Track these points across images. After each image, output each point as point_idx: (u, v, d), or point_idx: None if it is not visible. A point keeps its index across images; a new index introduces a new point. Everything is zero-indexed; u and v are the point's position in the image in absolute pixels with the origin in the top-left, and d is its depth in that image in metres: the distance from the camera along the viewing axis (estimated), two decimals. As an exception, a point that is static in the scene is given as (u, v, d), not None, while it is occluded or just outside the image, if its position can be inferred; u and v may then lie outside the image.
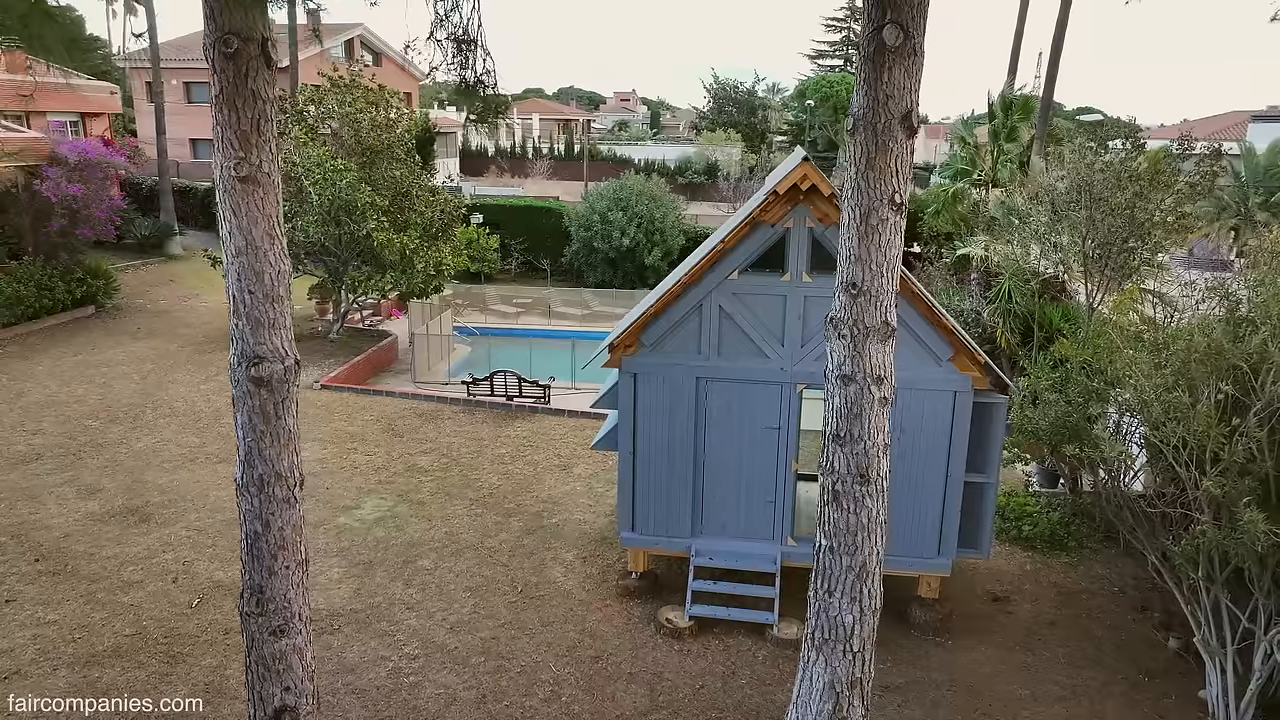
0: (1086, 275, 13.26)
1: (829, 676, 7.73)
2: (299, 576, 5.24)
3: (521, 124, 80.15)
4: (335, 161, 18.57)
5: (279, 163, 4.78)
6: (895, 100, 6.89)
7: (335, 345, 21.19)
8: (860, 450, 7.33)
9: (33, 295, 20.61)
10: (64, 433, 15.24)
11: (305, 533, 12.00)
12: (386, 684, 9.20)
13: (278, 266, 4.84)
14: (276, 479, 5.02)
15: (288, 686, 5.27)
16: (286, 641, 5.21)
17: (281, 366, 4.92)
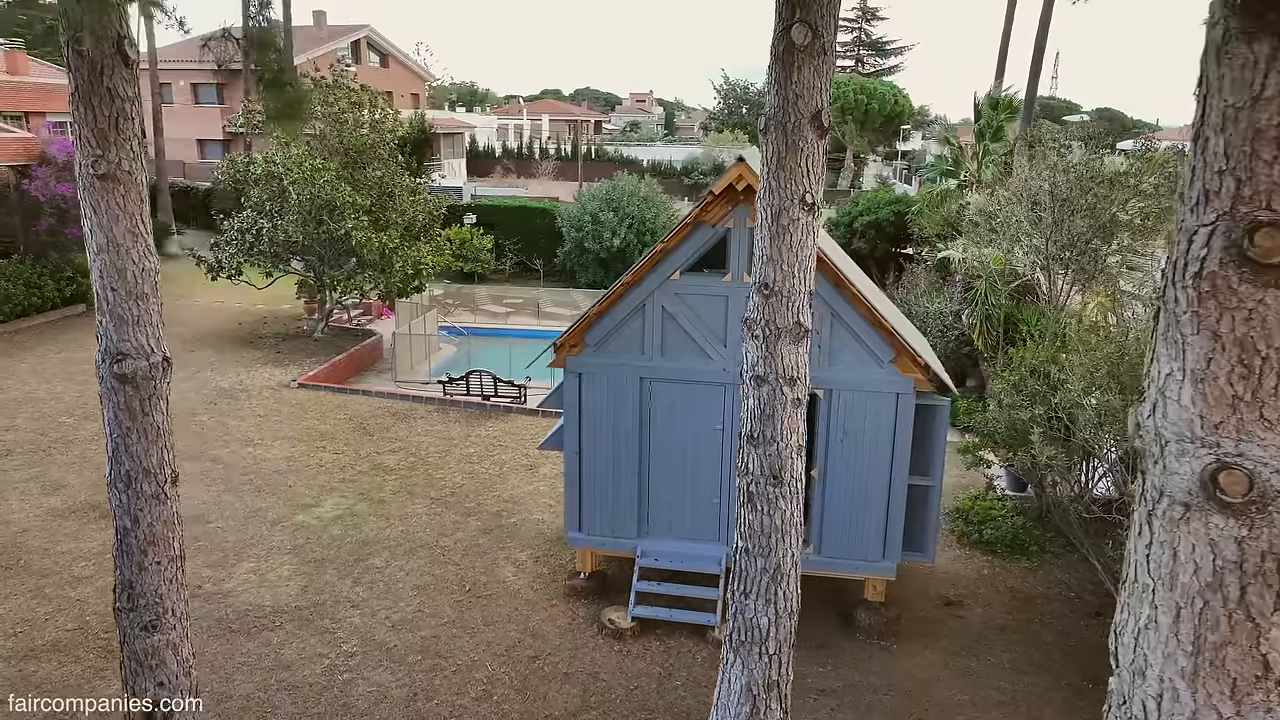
0: (1049, 274, 13.13)
1: (746, 679, 7.68)
2: (172, 572, 5.26)
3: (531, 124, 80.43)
4: (314, 161, 18.68)
5: (141, 161, 4.80)
6: (805, 100, 6.85)
7: (319, 344, 21.32)
8: (773, 451, 7.29)
9: (21, 294, 20.88)
10: (37, 429, 15.42)
11: (262, 530, 12.11)
12: (320, 681, 9.23)
13: (141, 264, 4.87)
14: (144, 475, 5.05)
15: (161, 682, 5.29)
16: (159, 637, 5.23)
17: (147, 364, 4.95)
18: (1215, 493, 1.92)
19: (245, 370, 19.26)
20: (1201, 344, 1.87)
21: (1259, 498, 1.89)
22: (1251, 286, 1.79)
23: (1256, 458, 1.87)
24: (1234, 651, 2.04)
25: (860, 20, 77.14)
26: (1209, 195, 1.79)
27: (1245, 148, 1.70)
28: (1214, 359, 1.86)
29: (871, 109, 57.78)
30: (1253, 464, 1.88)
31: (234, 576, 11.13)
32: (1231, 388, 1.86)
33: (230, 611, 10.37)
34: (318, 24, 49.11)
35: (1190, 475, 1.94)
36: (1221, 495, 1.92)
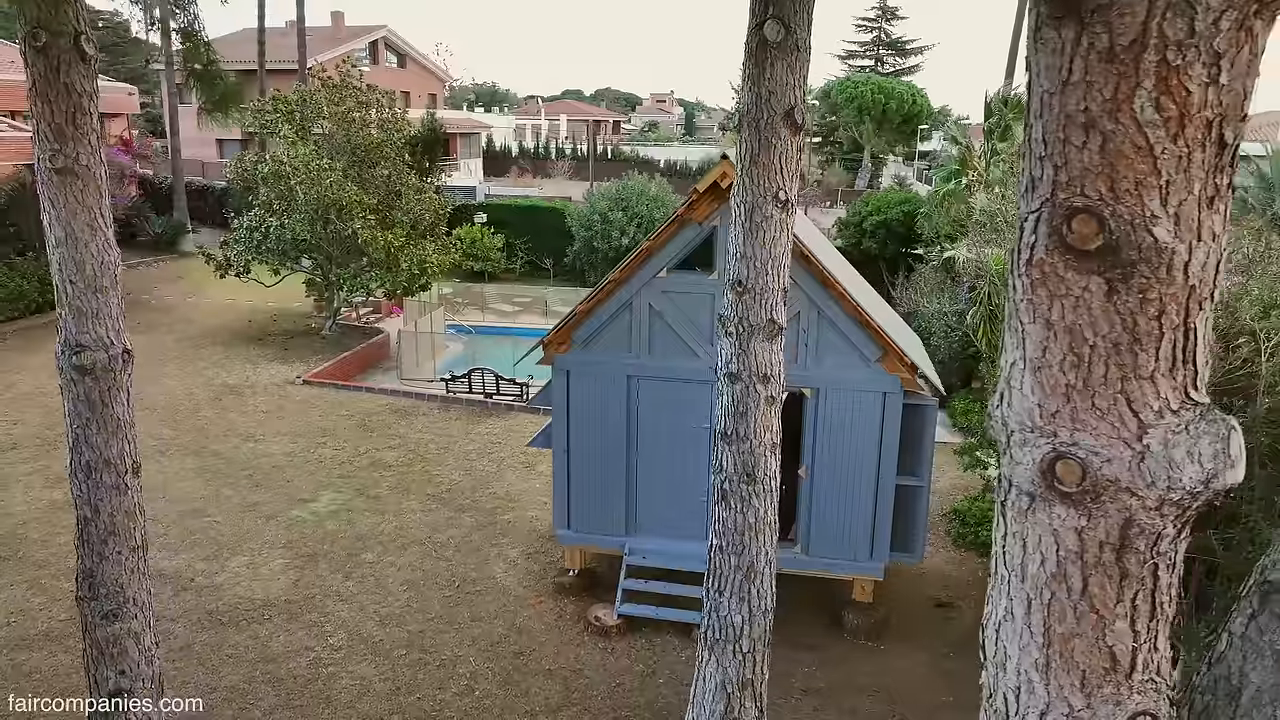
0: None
1: (720, 676, 7.67)
2: (134, 562, 5.34)
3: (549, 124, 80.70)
4: (320, 160, 18.84)
5: (100, 156, 4.87)
6: (778, 96, 6.83)
7: (326, 341, 21.50)
8: (746, 449, 7.27)
9: (35, 290, 21.20)
10: (44, 424, 15.65)
11: (258, 524, 12.23)
12: (305, 673, 9.32)
13: (100, 257, 4.93)
14: (105, 466, 5.13)
15: (123, 670, 5.37)
16: (120, 625, 5.31)
17: (106, 355, 5.02)
18: (1053, 482, 1.91)
19: (252, 367, 19.46)
20: (1037, 332, 1.86)
21: (1092, 487, 1.88)
22: (1076, 274, 1.77)
23: (1089, 447, 1.86)
24: (1081, 643, 2.03)
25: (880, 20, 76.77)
26: (1035, 182, 1.78)
27: (1059, 134, 1.70)
28: (1048, 347, 1.85)
29: (889, 109, 57.47)
30: (1085, 453, 1.86)
31: (226, 569, 11.25)
32: (1065, 376, 1.85)
33: (221, 604, 10.48)
34: (335, 25, 49.52)
35: (1032, 465, 1.93)
36: (1059, 485, 1.91)
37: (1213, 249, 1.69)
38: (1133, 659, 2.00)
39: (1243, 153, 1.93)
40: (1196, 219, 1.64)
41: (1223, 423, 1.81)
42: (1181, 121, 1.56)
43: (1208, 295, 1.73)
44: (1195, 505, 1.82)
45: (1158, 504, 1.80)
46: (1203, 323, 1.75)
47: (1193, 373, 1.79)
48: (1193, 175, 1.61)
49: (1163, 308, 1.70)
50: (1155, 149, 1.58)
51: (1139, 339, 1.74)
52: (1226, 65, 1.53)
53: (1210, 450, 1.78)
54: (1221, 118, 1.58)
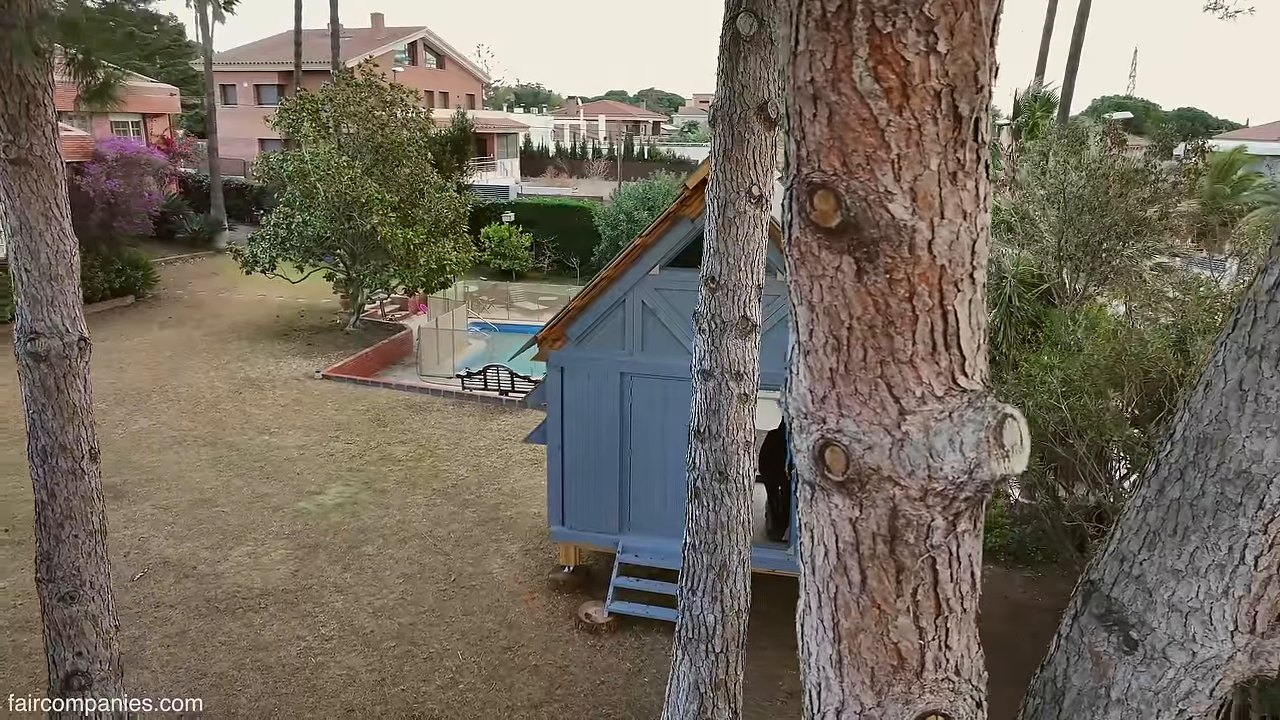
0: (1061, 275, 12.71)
1: (693, 677, 7.61)
2: (90, 546, 5.45)
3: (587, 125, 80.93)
4: (339, 158, 19.12)
5: (55, 147, 4.99)
6: (751, 90, 6.75)
7: (350, 337, 21.81)
8: (719, 447, 7.21)
9: (72, 284, 21.79)
10: (69, 413, 16.07)
11: (264, 515, 12.43)
12: (293, 662, 9.44)
13: (55, 246, 5.05)
14: (60, 451, 5.24)
15: (80, 652, 5.49)
16: (77, 608, 5.43)
17: (60, 343, 5.13)
18: (824, 470, 1.85)
19: (274, 361, 19.81)
20: (803, 315, 1.81)
21: (856, 475, 1.82)
22: (829, 253, 1.72)
23: (852, 433, 1.80)
24: (867, 639, 1.97)
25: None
26: (788, 158, 1.73)
27: (795, 106, 1.64)
28: (814, 330, 1.79)
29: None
30: (848, 440, 1.81)
31: (229, 559, 11.45)
32: (828, 360, 1.79)
33: (220, 592, 10.68)
34: (375, 26, 50.27)
35: (807, 452, 1.88)
36: (828, 473, 1.85)
37: (963, 228, 1.61)
38: (921, 657, 1.92)
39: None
40: (938, 196, 1.57)
41: (992, 411, 1.73)
42: (904, 92, 1.50)
43: (965, 277, 1.66)
44: (964, 497, 1.74)
45: (921, 494, 1.73)
46: (964, 305, 1.68)
47: (959, 358, 1.72)
48: (927, 150, 1.54)
49: (913, 289, 1.63)
50: (880, 121, 1.51)
51: (893, 321, 1.67)
52: (944, 33, 1.46)
53: (973, 439, 1.70)
54: (951, 89, 1.51)
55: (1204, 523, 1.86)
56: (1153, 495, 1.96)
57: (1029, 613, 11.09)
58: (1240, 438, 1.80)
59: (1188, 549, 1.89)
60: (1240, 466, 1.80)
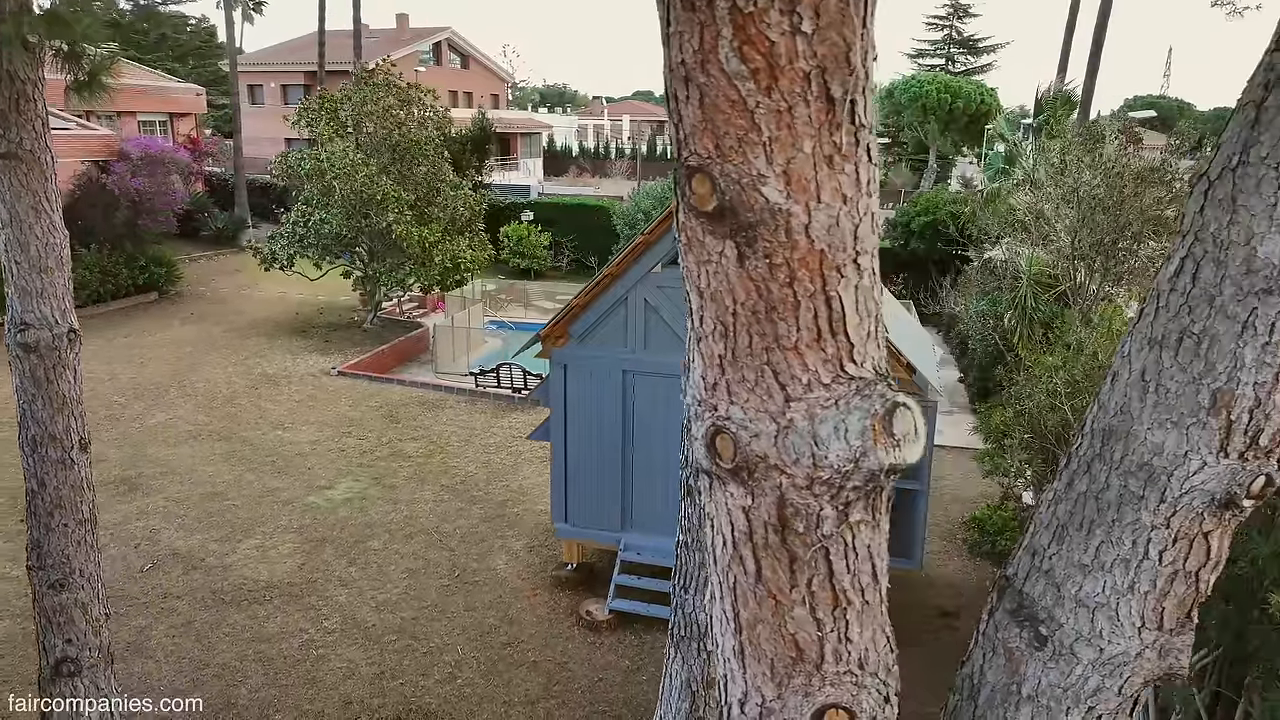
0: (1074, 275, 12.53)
1: (685, 674, 7.57)
2: (80, 534, 5.54)
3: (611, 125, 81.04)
4: (354, 156, 19.29)
5: (45, 141, 5.08)
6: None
7: (367, 334, 21.99)
8: (711, 444, 7.20)
9: (96, 280, 22.18)
10: (90, 407, 16.32)
11: (274, 509, 12.56)
12: (295, 654, 9.54)
13: (45, 240, 5.13)
14: (50, 441, 5.33)
15: (69, 639, 5.58)
16: (67, 595, 5.51)
17: (50, 334, 5.22)
18: (716, 458, 1.84)
19: (291, 357, 20.02)
20: (694, 301, 1.80)
21: (744, 463, 1.80)
22: (713, 238, 1.70)
23: (739, 421, 1.79)
24: (765, 630, 1.95)
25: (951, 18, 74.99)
26: (673, 141, 1.72)
27: (672, 88, 1.64)
28: (704, 316, 1.78)
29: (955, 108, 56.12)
30: (736, 427, 1.79)
31: (237, 551, 11.59)
32: (717, 346, 1.78)
33: (226, 584, 10.80)
34: (400, 27, 50.66)
35: (701, 440, 1.87)
36: (719, 461, 1.84)
37: (843, 212, 1.59)
38: (820, 649, 1.90)
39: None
40: (814, 179, 1.55)
41: (881, 399, 1.70)
42: (772, 74, 1.47)
43: (848, 262, 1.63)
44: (852, 486, 1.72)
45: (807, 483, 1.71)
46: (849, 292, 1.65)
47: (847, 346, 1.69)
48: (799, 132, 1.51)
49: (793, 274, 1.61)
50: (749, 103, 1.49)
51: (775, 307, 1.65)
52: (809, 13, 1.43)
53: (858, 427, 1.68)
54: (821, 71, 1.49)
55: (1108, 517, 1.82)
56: (1062, 488, 1.92)
57: (1036, 617, 10.95)
58: (1142, 430, 1.76)
59: (1093, 543, 1.85)
60: (1142, 459, 1.76)
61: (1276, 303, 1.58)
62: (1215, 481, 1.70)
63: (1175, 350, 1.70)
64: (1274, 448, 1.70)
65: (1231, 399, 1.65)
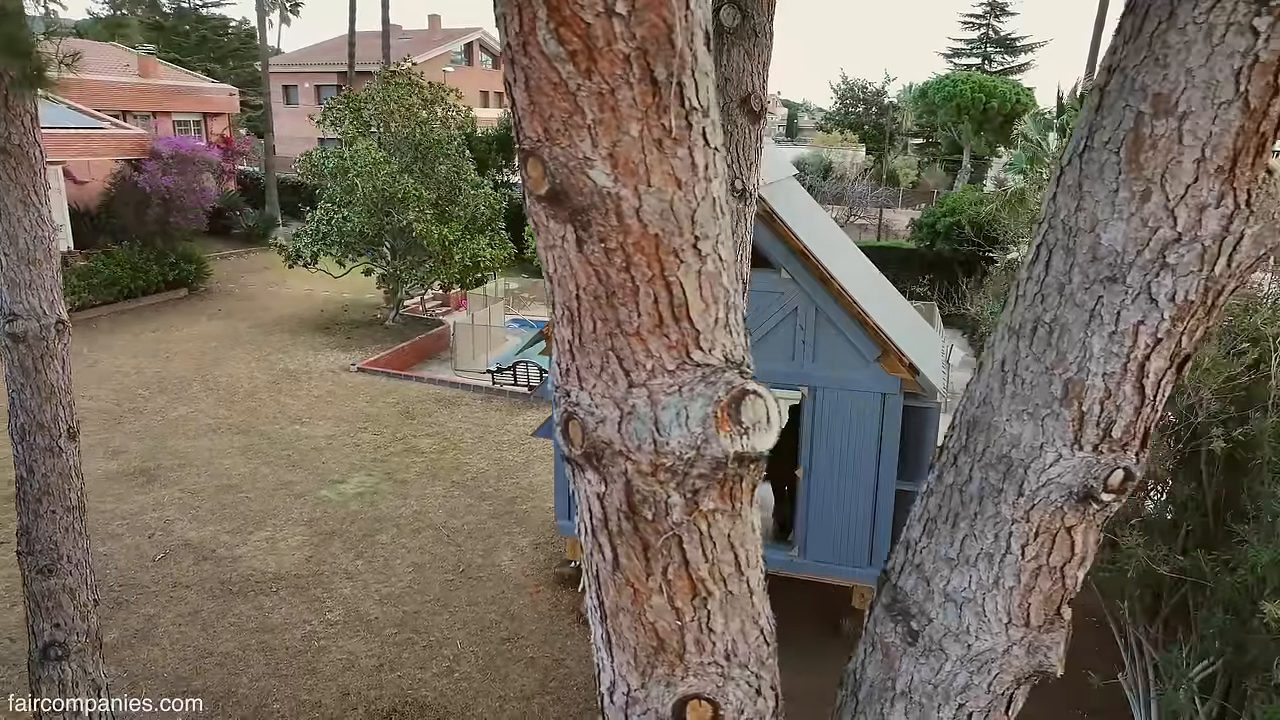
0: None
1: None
2: (68, 521, 5.66)
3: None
4: (377, 154, 19.51)
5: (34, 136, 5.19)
6: (734, 84, 6.63)
7: (389, 331, 22.23)
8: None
9: (127, 277, 22.66)
10: (114, 399, 16.73)
11: (286, 502, 12.74)
12: (296, 645, 9.66)
13: (34, 232, 5.26)
14: (38, 429, 5.46)
15: (58, 623, 5.71)
16: (55, 581, 5.64)
17: (38, 325, 5.34)
18: (569, 444, 1.84)
19: (314, 354, 20.29)
20: (547, 286, 1.81)
21: (592, 449, 1.80)
22: (555, 222, 1.70)
23: (586, 406, 1.79)
24: (627, 619, 1.95)
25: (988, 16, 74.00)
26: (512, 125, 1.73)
27: (506, 72, 1.65)
28: (554, 301, 1.79)
29: (990, 108, 55.37)
30: (584, 413, 1.79)
31: (248, 543, 11.77)
32: (566, 331, 1.79)
33: (235, 574, 10.98)
34: (431, 28, 51.14)
35: (558, 426, 1.87)
36: (571, 447, 1.84)
37: (677, 196, 1.57)
38: (681, 638, 1.89)
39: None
40: (643, 163, 1.54)
41: (727, 386, 1.69)
42: (590, 56, 1.47)
43: (686, 247, 1.61)
44: (697, 474, 1.70)
45: (651, 469, 1.70)
46: (690, 277, 1.64)
47: (692, 332, 1.68)
48: (624, 115, 1.50)
49: (629, 259, 1.60)
50: (570, 85, 1.48)
51: (614, 293, 1.64)
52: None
53: (700, 413, 1.66)
54: (642, 52, 1.48)
55: (971, 510, 1.79)
56: (934, 481, 1.89)
57: (1045, 623, 10.76)
58: (1001, 421, 1.72)
59: (958, 537, 1.82)
60: (1002, 451, 1.72)
61: (1121, 290, 1.54)
62: (1071, 474, 1.66)
63: (1030, 340, 1.66)
64: (1130, 441, 1.66)
65: (1082, 389, 1.61)
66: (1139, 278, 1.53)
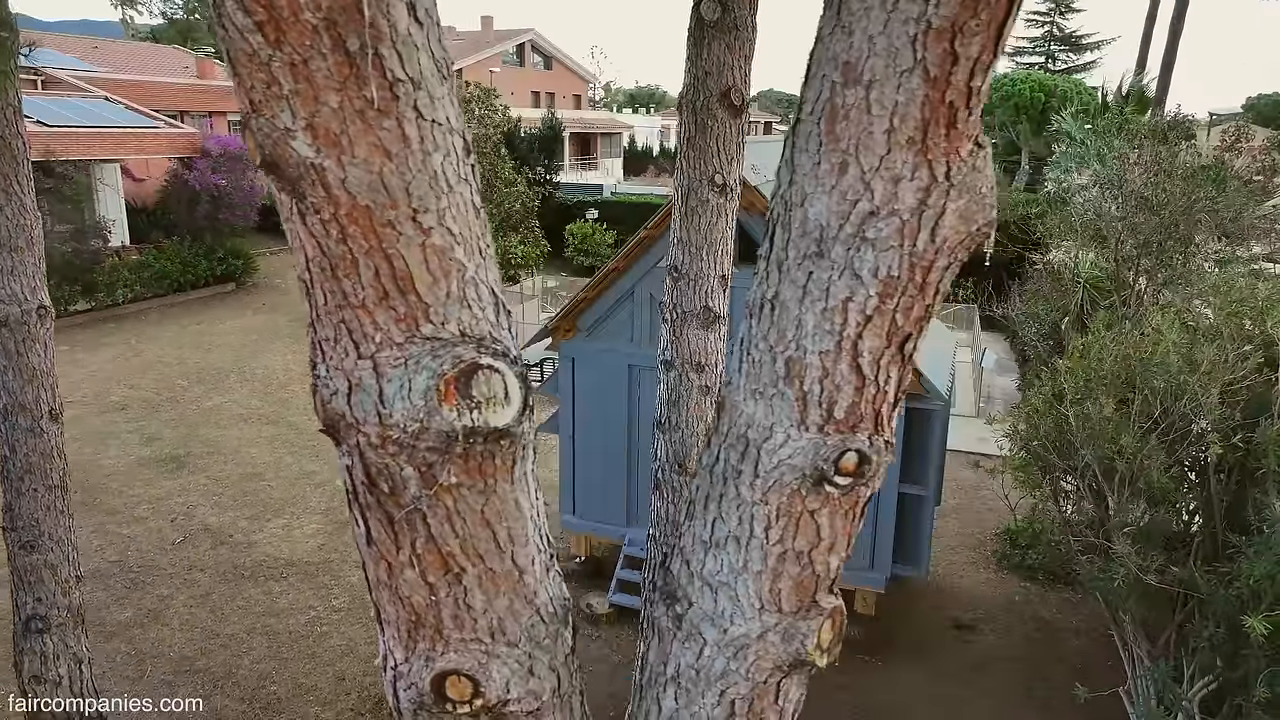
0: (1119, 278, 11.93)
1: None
2: (50, 500, 5.88)
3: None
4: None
5: (17, 128, 5.42)
6: (714, 77, 6.62)
7: (424, 327, 22.57)
8: (679, 438, 7.10)
9: (177, 270, 23.43)
10: (154, 388, 17.31)
11: (306, 490, 13.04)
12: (300, 630, 9.89)
13: (16, 220, 5.48)
14: (20, 410, 5.68)
15: (39, 598, 5.94)
16: (37, 557, 5.87)
17: (19, 310, 5.57)
18: (320, 417, 1.87)
19: (349, 348, 20.70)
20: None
21: (330, 421, 1.83)
22: (285, 195, 1.73)
23: (323, 378, 1.83)
24: (386, 593, 1.98)
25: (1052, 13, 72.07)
26: None
27: (219, 48, 1.66)
28: (299, 272, 1.82)
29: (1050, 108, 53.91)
30: (321, 385, 1.83)
31: (264, 529, 12.08)
32: (307, 303, 1.82)
33: (248, 560, 11.28)
34: (484, 29, 51.80)
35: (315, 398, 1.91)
36: (321, 420, 1.87)
37: (387, 168, 1.58)
38: (438, 614, 1.90)
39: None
40: (345, 134, 1.55)
41: (455, 360, 1.69)
42: (278, 27, 1.48)
43: (404, 220, 1.61)
44: (426, 446, 1.70)
45: (380, 442, 1.71)
46: (412, 250, 1.64)
47: (421, 305, 1.68)
48: (320, 85, 1.51)
49: (344, 231, 1.61)
50: (261, 56, 1.50)
51: (336, 265, 1.65)
52: (296, -38, 1.44)
53: (423, 386, 1.67)
54: (332, 24, 1.49)
55: (718, 490, 1.76)
56: (699, 462, 1.86)
57: (1061, 636, 10.46)
58: (740, 400, 1.69)
59: (709, 518, 1.79)
60: (740, 431, 1.69)
61: (828, 266, 1.50)
62: (801, 456, 1.62)
63: (759, 318, 1.63)
64: (859, 422, 1.61)
65: (802, 368, 1.57)
66: (843, 252, 1.49)
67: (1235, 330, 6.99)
